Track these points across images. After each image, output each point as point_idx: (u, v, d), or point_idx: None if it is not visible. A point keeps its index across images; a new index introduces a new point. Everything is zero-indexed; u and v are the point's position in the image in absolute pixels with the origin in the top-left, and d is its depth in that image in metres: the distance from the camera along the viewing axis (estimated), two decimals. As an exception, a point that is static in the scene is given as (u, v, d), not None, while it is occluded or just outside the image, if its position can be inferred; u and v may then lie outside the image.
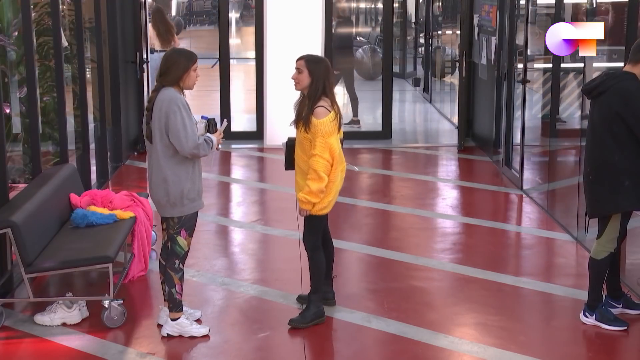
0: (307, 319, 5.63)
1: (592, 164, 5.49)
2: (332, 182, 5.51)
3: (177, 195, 5.33)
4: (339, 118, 5.50)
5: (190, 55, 5.38)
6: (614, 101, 5.28)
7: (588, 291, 5.69)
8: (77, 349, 5.38)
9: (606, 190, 5.41)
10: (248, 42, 17.93)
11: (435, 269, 6.80)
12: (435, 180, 9.90)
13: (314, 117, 5.41)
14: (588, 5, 7.66)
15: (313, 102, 5.44)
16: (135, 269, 6.51)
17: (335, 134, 5.47)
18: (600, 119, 5.38)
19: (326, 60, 5.63)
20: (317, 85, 5.45)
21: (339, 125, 5.51)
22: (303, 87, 5.51)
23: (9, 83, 7.17)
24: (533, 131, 9.37)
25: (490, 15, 10.53)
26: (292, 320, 5.64)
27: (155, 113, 5.26)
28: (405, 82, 17.95)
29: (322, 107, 5.43)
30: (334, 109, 5.48)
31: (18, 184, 6.99)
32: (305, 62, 5.49)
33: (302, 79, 5.48)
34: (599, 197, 5.48)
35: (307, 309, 5.66)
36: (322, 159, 5.40)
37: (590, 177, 5.49)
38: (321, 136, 5.39)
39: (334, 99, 5.54)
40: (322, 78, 5.46)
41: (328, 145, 5.40)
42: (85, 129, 8.36)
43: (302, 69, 5.48)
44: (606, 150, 5.36)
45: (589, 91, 5.48)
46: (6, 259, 5.98)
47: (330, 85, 5.52)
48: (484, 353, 5.30)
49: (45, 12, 7.62)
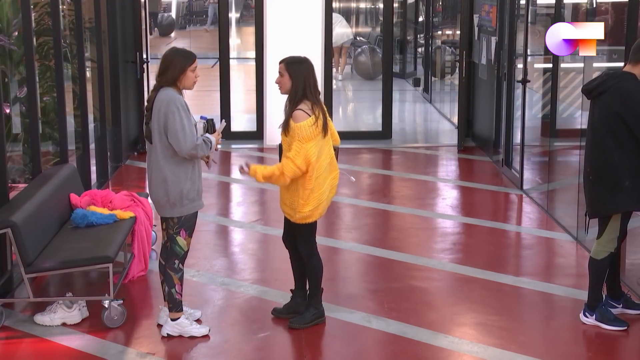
0: (307, 320, 5.62)
1: (592, 164, 5.49)
2: (317, 190, 5.36)
3: (177, 196, 5.33)
4: (321, 123, 5.31)
5: (188, 55, 5.34)
6: (613, 101, 5.28)
7: (588, 291, 5.69)
8: (77, 349, 5.39)
9: (606, 191, 5.41)
10: (248, 42, 17.95)
11: (435, 269, 6.80)
12: (435, 180, 9.90)
13: (292, 120, 5.30)
14: (588, 5, 7.67)
15: (293, 105, 5.34)
16: (135, 269, 6.51)
17: (314, 140, 5.28)
18: (600, 119, 5.39)
19: (308, 61, 5.44)
20: (296, 87, 5.33)
21: (324, 130, 5.34)
22: (286, 91, 5.38)
23: (9, 83, 7.17)
24: (533, 131, 9.38)
25: (490, 15, 10.53)
26: (291, 322, 5.63)
27: (154, 113, 5.26)
28: (405, 82, 17.95)
29: (300, 110, 5.30)
30: (315, 112, 5.31)
31: (18, 184, 6.99)
32: (285, 65, 5.37)
33: (284, 83, 5.36)
34: (599, 197, 5.48)
35: (307, 310, 5.66)
36: (293, 165, 5.26)
37: (590, 177, 5.49)
38: (298, 140, 5.26)
39: (317, 101, 5.37)
40: (302, 80, 5.33)
41: (304, 151, 5.24)
42: (85, 129, 8.36)
43: (283, 72, 5.36)
44: (606, 151, 5.36)
45: (589, 91, 5.47)
46: (6, 259, 5.98)
47: (312, 87, 5.36)
48: (484, 353, 5.30)
49: (45, 12, 7.62)
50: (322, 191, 5.42)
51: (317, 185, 5.38)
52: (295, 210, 5.43)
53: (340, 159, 5.75)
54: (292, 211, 5.46)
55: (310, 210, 5.40)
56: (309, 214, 5.41)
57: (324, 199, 5.46)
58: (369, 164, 10.69)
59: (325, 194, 5.46)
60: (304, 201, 5.37)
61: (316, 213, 5.44)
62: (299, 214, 5.41)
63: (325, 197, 5.47)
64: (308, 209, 5.39)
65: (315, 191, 5.38)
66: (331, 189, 5.54)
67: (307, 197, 5.36)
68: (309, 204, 5.38)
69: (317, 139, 5.31)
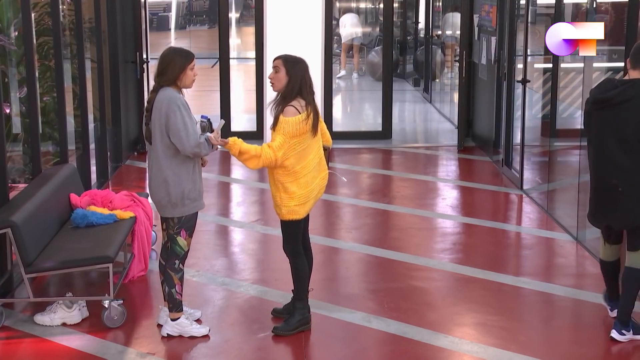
0: (292, 326, 5.56)
1: (618, 174, 5.26)
2: (305, 187, 5.37)
3: (179, 196, 5.33)
4: (311, 121, 5.30)
5: (187, 54, 5.35)
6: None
7: (621, 304, 5.45)
8: (77, 349, 5.39)
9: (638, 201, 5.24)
10: (248, 42, 17.96)
11: (435, 269, 6.80)
12: (435, 180, 9.90)
13: (282, 114, 5.30)
14: (588, 5, 7.66)
15: (286, 102, 5.32)
16: (135, 269, 6.51)
17: (300, 137, 5.28)
18: (630, 127, 5.19)
19: (304, 61, 5.45)
20: (293, 85, 5.32)
21: (314, 129, 5.34)
22: (280, 87, 5.36)
23: (9, 83, 7.17)
24: (533, 131, 9.38)
25: (490, 15, 10.53)
26: (275, 327, 5.58)
27: (155, 114, 5.26)
28: (405, 82, 17.96)
29: (292, 106, 5.29)
30: (307, 110, 5.30)
31: (18, 184, 6.99)
32: (283, 62, 5.36)
33: (279, 79, 5.34)
34: (632, 208, 5.28)
35: (292, 315, 5.60)
36: (273, 155, 5.24)
37: (619, 189, 5.26)
38: (284, 134, 5.25)
39: (311, 100, 5.37)
40: (299, 78, 5.33)
41: (285, 146, 5.24)
42: (85, 129, 8.36)
43: (279, 68, 5.35)
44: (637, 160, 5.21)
45: (604, 101, 5.26)
46: (6, 259, 5.98)
47: (308, 87, 5.37)
48: (484, 353, 5.30)
49: (45, 12, 7.62)
50: (311, 189, 5.43)
51: (306, 182, 5.38)
52: (280, 207, 5.43)
53: (341, 159, 5.75)
54: (278, 208, 5.47)
55: (296, 205, 5.40)
56: (295, 209, 5.40)
57: (312, 197, 5.47)
58: (369, 164, 10.69)
59: (314, 192, 5.47)
60: (288, 195, 5.37)
61: (302, 210, 5.44)
62: (284, 208, 5.40)
63: (314, 195, 5.48)
64: (294, 203, 5.39)
65: (303, 188, 5.38)
66: (320, 190, 5.54)
67: (295, 193, 5.36)
68: (294, 199, 5.38)
69: (304, 137, 5.31)
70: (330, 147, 5.68)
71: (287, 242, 5.58)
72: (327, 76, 11.37)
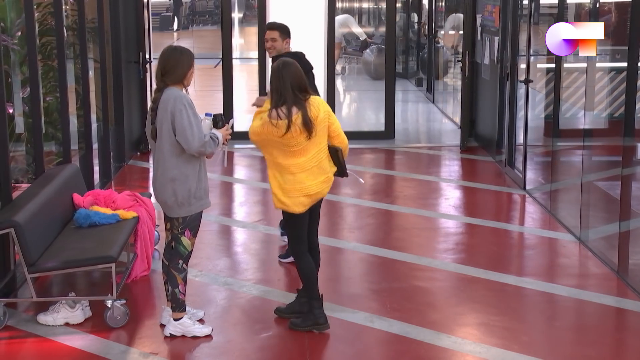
0: (309, 323, 5.60)
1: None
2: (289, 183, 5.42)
3: (185, 195, 5.34)
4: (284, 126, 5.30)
5: (190, 53, 5.43)
6: None
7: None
8: (79, 348, 5.39)
9: None
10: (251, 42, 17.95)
11: (438, 269, 6.80)
12: (438, 180, 9.90)
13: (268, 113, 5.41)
14: (591, 5, 7.66)
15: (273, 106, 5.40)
16: (138, 269, 6.51)
17: (256, 137, 5.46)
18: None
19: (295, 63, 5.44)
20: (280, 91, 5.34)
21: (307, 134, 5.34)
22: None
23: (12, 83, 7.18)
24: (536, 131, 9.37)
25: (493, 15, 10.53)
26: (292, 321, 5.63)
27: (161, 113, 5.27)
28: (408, 82, 17.95)
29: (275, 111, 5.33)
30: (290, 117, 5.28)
31: (21, 184, 7.01)
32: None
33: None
34: None
35: (309, 312, 5.63)
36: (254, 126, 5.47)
37: None
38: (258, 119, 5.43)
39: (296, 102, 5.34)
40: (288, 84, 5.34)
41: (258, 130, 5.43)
42: (88, 128, 8.37)
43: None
44: None
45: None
46: (9, 258, 5.99)
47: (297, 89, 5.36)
48: (486, 353, 5.30)
49: (48, 12, 7.64)
50: (300, 188, 5.43)
51: (293, 180, 5.42)
52: (272, 194, 5.52)
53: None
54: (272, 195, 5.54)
55: (283, 197, 5.44)
56: (283, 199, 5.45)
57: (303, 196, 5.45)
58: (371, 164, 10.69)
59: (307, 191, 5.45)
60: (275, 182, 5.47)
61: (290, 203, 5.45)
62: (274, 196, 5.50)
63: (306, 194, 5.46)
64: (279, 193, 5.45)
65: (289, 183, 5.42)
66: (318, 192, 5.51)
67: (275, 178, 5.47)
68: (278, 189, 5.45)
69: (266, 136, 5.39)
70: (341, 149, 5.61)
71: (290, 242, 5.64)
72: (330, 76, 11.37)
